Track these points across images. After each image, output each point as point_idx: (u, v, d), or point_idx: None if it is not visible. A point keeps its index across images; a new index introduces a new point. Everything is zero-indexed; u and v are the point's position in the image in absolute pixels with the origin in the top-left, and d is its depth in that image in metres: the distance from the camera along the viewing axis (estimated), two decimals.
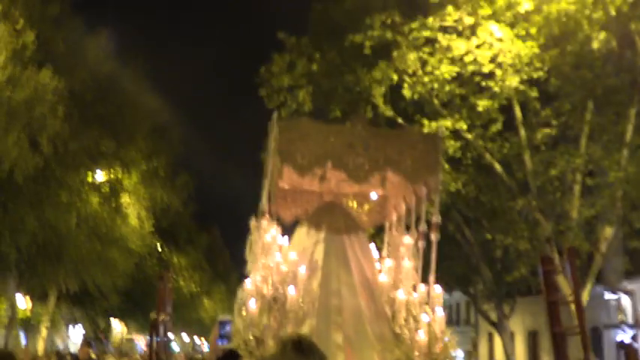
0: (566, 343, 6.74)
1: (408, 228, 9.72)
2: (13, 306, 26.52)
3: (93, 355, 15.57)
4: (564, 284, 15.72)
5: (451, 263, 21.30)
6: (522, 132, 16.39)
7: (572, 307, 7.69)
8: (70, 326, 41.52)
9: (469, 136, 16.66)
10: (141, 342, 47.54)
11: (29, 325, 30.13)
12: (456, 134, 16.68)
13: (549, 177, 16.03)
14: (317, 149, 8.56)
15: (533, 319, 26.32)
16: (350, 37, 16.50)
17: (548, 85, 15.50)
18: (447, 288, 26.95)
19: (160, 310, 10.58)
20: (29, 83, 15.50)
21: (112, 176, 25.41)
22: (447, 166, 17.07)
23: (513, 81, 15.12)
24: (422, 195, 9.49)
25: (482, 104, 15.90)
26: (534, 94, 15.60)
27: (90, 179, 24.31)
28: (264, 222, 8.59)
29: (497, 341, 28.76)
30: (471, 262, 22.66)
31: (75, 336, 42.07)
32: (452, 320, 39.76)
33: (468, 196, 17.60)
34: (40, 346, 28.96)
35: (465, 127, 16.48)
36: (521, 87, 15.41)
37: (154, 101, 28.39)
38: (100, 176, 25.15)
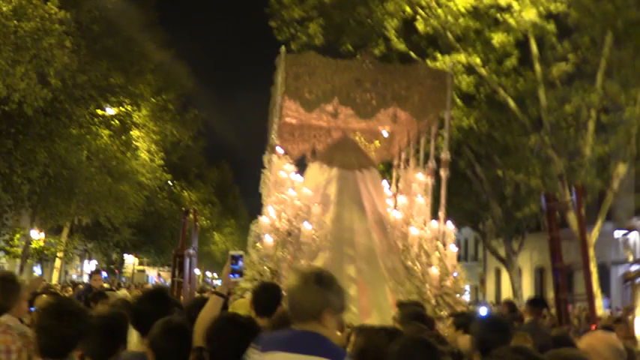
0: (565, 278, 6.86)
1: (418, 165, 9.72)
2: (26, 238, 26.88)
3: (106, 285, 15.90)
4: (574, 221, 15.68)
5: (461, 200, 21.29)
6: (538, 67, 16.01)
7: None
8: (85, 260, 42.28)
9: (483, 71, 16.37)
10: (152, 274, 48.49)
11: (43, 257, 30.61)
12: (469, 69, 16.36)
13: (563, 113, 15.80)
14: (324, 85, 8.57)
15: (541, 256, 26.54)
16: None
17: (566, 18, 15.02)
18: (457, 224, 27.06)
19: (183, 245, 10.82)
20: (35, 14, 15.19)
21: (121, 109, 25.23)
22: (459, 101, 16.87)
23: (531, 14, 14.69)
24: (430, 132, 9.46)
25: (497, 38, 15.52)
26: (552, 27, 15.15)
27: (99, 112, 24.16)
28: (275, 157, 8.61)
29: (505, 277, 29.12)
30: (481, 199, 22.66)
31: (88, 268, 42.89)
32: (460, 256, 40.16)
33: (480, 132, 17.41)
34: (55, 277, 29.57)
35: (479, 61, 16.17)
36: (539, 20, 14.97)
37: (162, 35, 27.99)
38: (110, 110, 24.99)
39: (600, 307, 15.62)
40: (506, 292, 28.24)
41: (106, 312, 3.69)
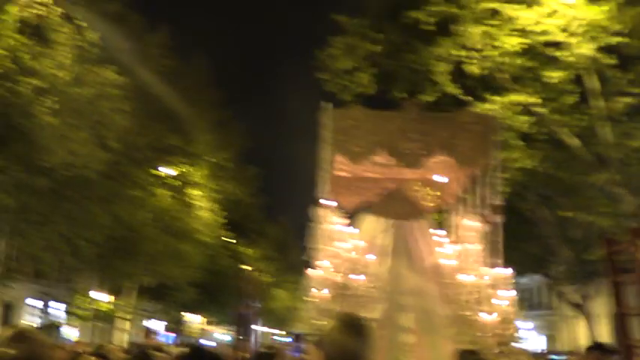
0: (629, 324, 6.56)
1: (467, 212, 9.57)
2: (89, 299, 27.28)
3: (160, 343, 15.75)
4: None
5: (526, 245, 20.43)
6: (600, 102, 15.33)
7: None
8: (151, 320, 42.57)
9: (542, 110, 15.74)
10: (218, 334, 48.31)
11: (110, 319, 30.97)
12: (527, 109, 15.82)
13: (630, 148, 14.95)
14: (370, 136, 8.69)
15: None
16: (411, 14, 15.83)
17: (625, 48, 14.39)
18: (521, 270, 25.98)
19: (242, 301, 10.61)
20: (94, 81, 15.72)
21: (181, 169, 25.69)
22: (519, 142, 16.31)
23: (588, 49, 14.15)
24: (480, 177, 9.23)
25: (555, 76, 14.98)
26: (612, 61, 14.54)
27: (159, 173, 24.63)
28: (322, 210, 8.71)
29: (579, 324, 27.60)
30: (548, 243, 21.68)
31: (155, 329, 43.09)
32: (532, 304, 38.51)
33: (544, 172, 16.68)
34: (122, 339, 29.72)
35: (536, 101, 15.58)
36: (597, 54, 14.40)
37: (217, 94, 28.61)
38: (170, 171, 25.46)
39: None
40: (583, 340, 26.69)
41: None
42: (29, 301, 29.43)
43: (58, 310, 29.11)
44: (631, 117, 15.46)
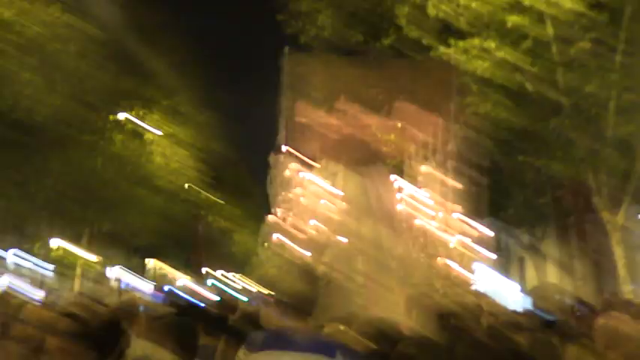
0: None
1: (426, 158, 9.59)
2: (46, 247, 26.82)
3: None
4: (599, 204, 15.18)
5: (480, 190, 20.67)
6: (554, 48, 15.34)
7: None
8: (107, 267, 42.17)
9: (499, 54, 15.67)
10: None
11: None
12: (484, 53, 15.73)
13: (583, 94, 15.08)
14: (330, 82, 8.73)
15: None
16: None
17: None
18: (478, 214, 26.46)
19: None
20: (38, 18, 14.97)
21: (135, 114, 25.05)
22: (474, 87, 16.29)
23: None
24: (438, 124, 9.33)
25: (512, 20, 14.87)
26: (570, 4, 14.49)
27: (113, 117, 23.96)
28: (282, 157, 8.66)
29: (529, 266, 28.43)
30: (501, 188, 22.01)
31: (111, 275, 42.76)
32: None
33: (497, 117, 16.75)
34: (76, 285, 29.40)
35: (494, 45, 15.48)
36: None
37: (172, 37, 27.69)
38: (124, 114, 24.79)
39: (630, 292, 15.01)
40: (532, 283, 27.53)
41: None
42: None
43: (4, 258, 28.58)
44: (584, 63, 15.53)
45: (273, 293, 3.72)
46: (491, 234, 8.95)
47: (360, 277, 8.35)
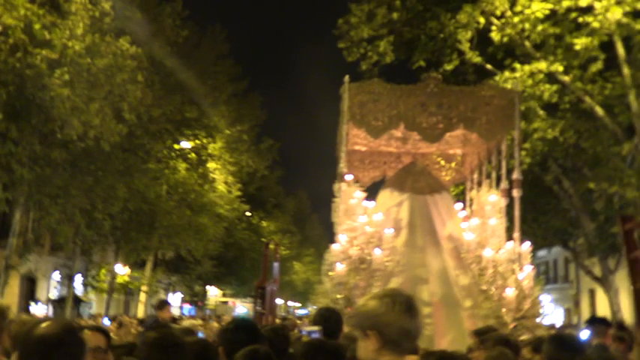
0: None
1: (491, 186, 9.54)
2: (112, 273, 27.43)
3: (174, 315, 15.74)
4: None
5: (548, 217, 20.01)
6: (626, 70, 14.77)
7: None
8: (170, 293, 42.88)
9: (566, 78, 15.27)
10: (238, 305, 48.58)
11: (128, 292, 31.21)
12: (551, 77, 15.31)
13: None
14: (389, 110, 8.67)
15: None
16: None
17: None
18: (546, 244, 25.57)
19: (265, 276, 10.80)
20: (108, 51, 15.48)
21: (196, 142, 25.52)
22: (542, 112, 15.86)
23: (616, 13, 13.60)
24: (500, 152, 9.20)
25: (579, 42, 14.44)
26: (639, 26, 13.98)
27: (176, 146, 24.48)
28: (344, 185, 8.81)
29: (600, 298, 27.24)
30: (569, 215, 21.23)
31: (173, 301, 43.47)
32: (549, 278, 38.15)
33: (566, 143, 16.23)
34: (140, 311, 29.93)
35: (561, 68, 15.14)
36: (625, 19, 13.85)
37: (234, 66, 28.24)
38: (186, 144, 25.30)
39: None
40: (604, 314, 26.35)
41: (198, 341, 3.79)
42: (54, 275, 29.76)
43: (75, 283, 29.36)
44: None
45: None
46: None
47: (427, 309, 8.02)
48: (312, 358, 3.04)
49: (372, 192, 9.99)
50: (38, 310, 25.90)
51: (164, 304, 8.30)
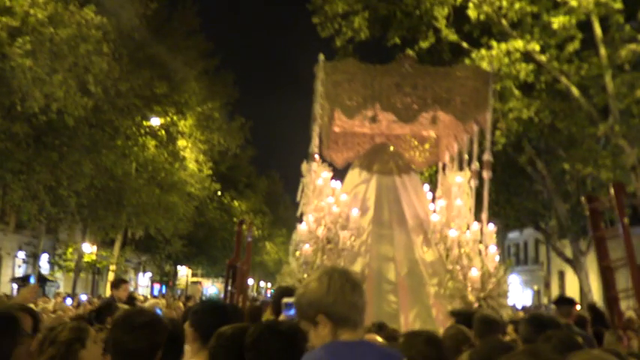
0: (614, 277, 6.80)
1: (462, 167, 9.50)
2: (79, 252, 26.81)
3: (137, 296, 15.25)
4: None
5: (522, 199, 19.93)
6: (603, 50, 14.59)
7: None
8: (140, 273, 42.36)
9: (543, 57, 15.07)
10: (207, 285, 48.24)
11: (95, 271, 30.62)
12: (527, 56, 15.08)
13: (634, 99, 14.31)
14: (364, 91, 8.64)
15: (614, 255, 24.74)
16: None
17: None
18: (518, 225, 25.60)
19: (237, 255, 10.55)
20: (71, 20, 14.83)
21: (167, 119, 24.88)
22: (517, 92, 15.66)
23: None
24: (473, 133, 9.21)
25: (557, 21, 14.21)
26: (618, 5, 13.77)
27: (145, 123, 23.81)
28: (315, 165, 8.77)
29: (570, 279, 27.47)
30: (544, 197, 21.21)
31: (143, 281, 42.97)
32: (520, 259, 38.45)
33: (541, 123, 16.08)
34: (108, 290, 29.34)
35: (537, 47, 14.94)
36: None
37: (205, 43, 27.58)
38: (156, 120, 24.62)
39: None
40: (573, 296, 26.55)
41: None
42: (19, 253, 29.06)
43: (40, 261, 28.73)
44: (635, 66, 14.76)
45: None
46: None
47: (392, 286, 8.15)
48: (265, 344, 2.81)
49: (343, 173, 9.93)
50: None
51: (120, 283, 7.93)
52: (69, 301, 16.89)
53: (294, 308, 3.08)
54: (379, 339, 4.24)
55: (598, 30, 15.06)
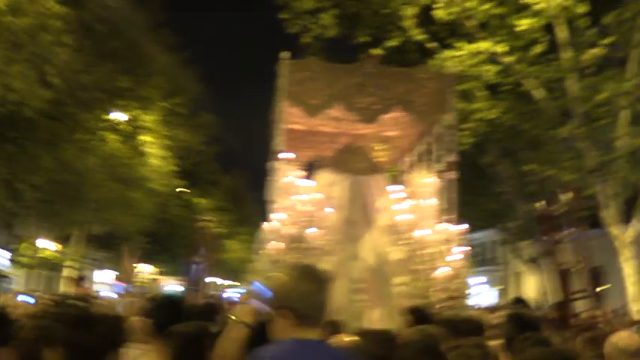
0: (568, 278, 7.23)
1: (426, 168, 9.71)
2: (34, 247, 26.12)
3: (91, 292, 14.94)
4: (607, 219, 14.71)
5: (486, 200, 20.10)
6: (567, 54, 14.78)
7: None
8: (97, 270, 41.54)
9: (508, 59, 15.15)
10: (169, 282, 47.60)
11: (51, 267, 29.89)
12: (493, 58, 15.21)
13: (595, 103, 14.53)
14: (327, 89, 8.65)
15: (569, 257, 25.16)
16: None
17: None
18: (482, 226, 25.81)
19: (194, 252, 10.49)
20: (31, 9, 14.40)
21: (131, 113, 24.41)
22: (483, 92, 15.79)
23: None
24: (436, 134, 9.39)
25: (524, 23, 14.34)
26: (581, 9, 13.97)
27: (107, 117, 23.31)
28: (281, 164, 8.81)
29: (526, 281, 27.87)
30: (505, 198, 21.45)
31: (101, 279, 42.16)
32: (484, 260, 38.82)
33: (506, 124, 16.24)
34: (62, 287, 28.70)
35: (504, 49, 14.96)
36: (568, 2, 13.83)
37: (170, 37, 27.15)
38: (123, 116, 24.13)
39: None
40: (530, 296, 26.98)
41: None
42: None
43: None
44: (599, 69, 15.00)
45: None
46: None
47: (359, 285, 8.28)
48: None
49: (308, 171, 9.91)
50: None
51: (79, 280, 7.74)
52: (22, 297, 16.36)
53: (258, 287, 3.19)
54: (346, 339, 4.23)
55: (560, 33, 15.25)
